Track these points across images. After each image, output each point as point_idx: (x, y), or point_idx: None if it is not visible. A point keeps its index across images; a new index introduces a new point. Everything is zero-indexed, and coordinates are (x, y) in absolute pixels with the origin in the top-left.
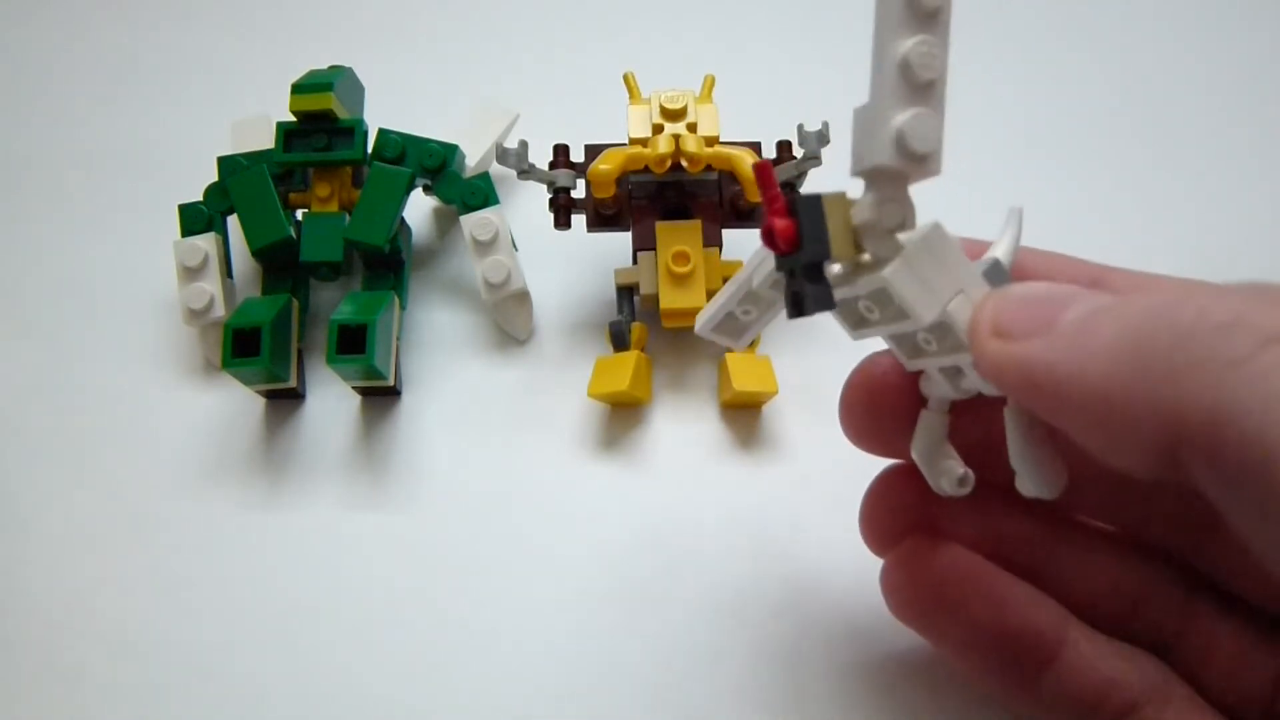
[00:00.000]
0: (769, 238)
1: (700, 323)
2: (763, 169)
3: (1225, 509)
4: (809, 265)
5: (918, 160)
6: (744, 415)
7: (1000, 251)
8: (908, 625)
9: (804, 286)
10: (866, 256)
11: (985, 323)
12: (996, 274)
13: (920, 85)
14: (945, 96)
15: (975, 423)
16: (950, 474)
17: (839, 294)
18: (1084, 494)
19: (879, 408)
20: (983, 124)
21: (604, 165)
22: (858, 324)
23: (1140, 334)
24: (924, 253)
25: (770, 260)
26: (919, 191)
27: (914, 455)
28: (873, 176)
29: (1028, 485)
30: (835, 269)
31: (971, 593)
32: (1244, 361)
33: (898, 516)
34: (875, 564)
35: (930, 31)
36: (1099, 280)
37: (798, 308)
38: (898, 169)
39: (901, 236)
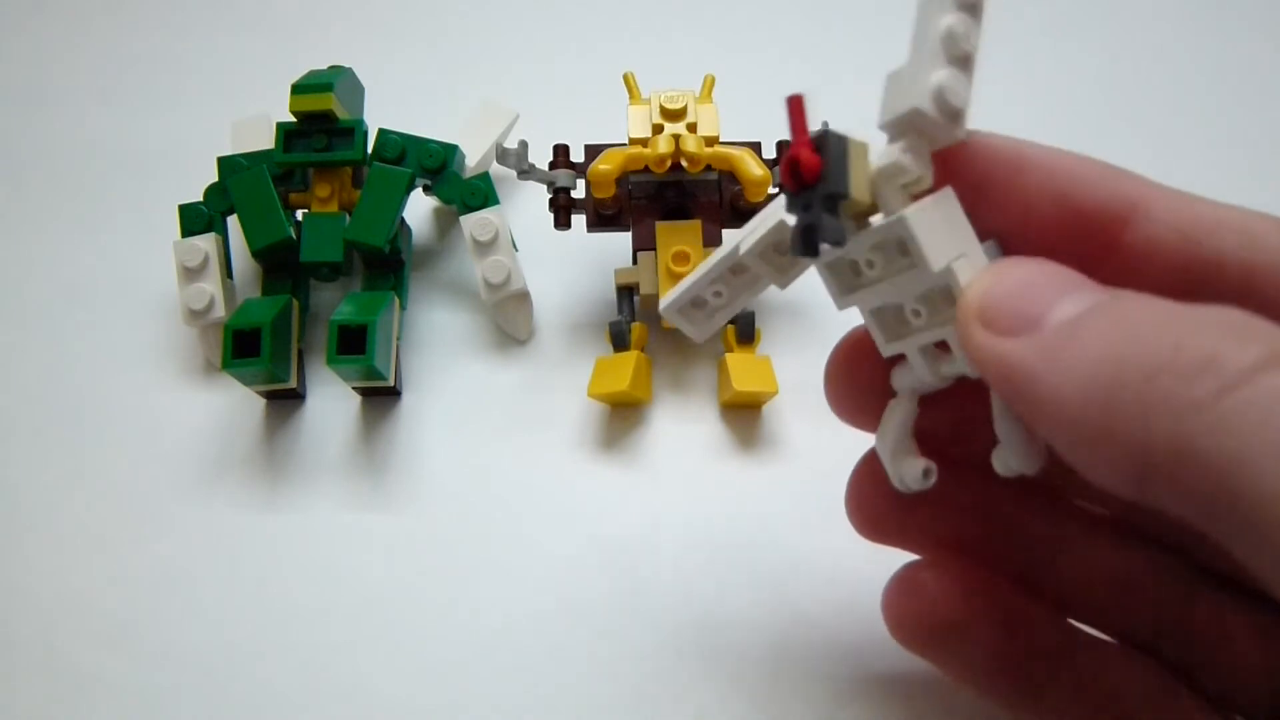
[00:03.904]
0: (792, 169)
1: (665, 304)
2: (794, 102)
3: (1203, 529)
4: (828, 196)
5: (951, 115)
6: (744, 415)
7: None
8: (913, 653)
9: (820, 218)
10: (877, 218)
11: (974, 305)
12: (995, 254)
13: (959, 56)
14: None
15: (957, 403)
16: (913, 469)
17: (837, 252)
18: (1081, 477)
19: (859, 377)
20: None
21: (604, 165)
22: (848, 287)
23: (1118, 360)
24: (938, 208)
25: (765, 226)
26: None
27: (878, 447)
28: (899, 131)
29: (1008, 459)
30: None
31: (975, 617)
32: (1205, 407)
33: (883, 498)
34: (875, 562)
35: (970, 15)
36: (1135, 201)
37: (809, 240)
38: (931, 118)
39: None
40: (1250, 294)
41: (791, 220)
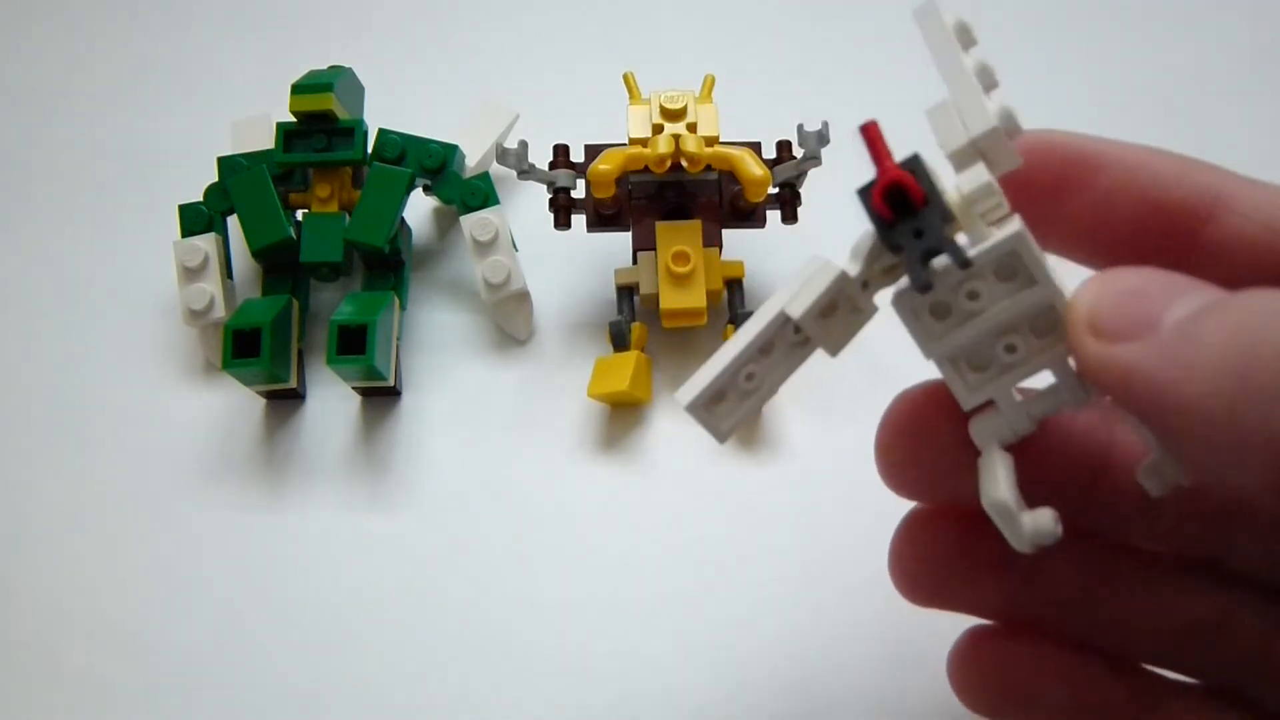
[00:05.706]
0: (894, 197)
1: (689, 397)
2: (870, 129)
3: None
4: (941, 219)
5: (1015, 136)
6: None
7: None
8: (981, 716)
9: (943, 241)
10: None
11: (1083, 316)
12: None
13: (991, 87)
14: None
15: (1022, 462)
16: (1044, 519)
17: (948, 281)
18: (1156, 518)
19: (925, 442)
20: None
21: (604, 165)
22: (936, 331)
23: (1247, 350)
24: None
25: (816, 283)
26: None
27: (986, 505)
28: (968, 158)
29: (1165, 470)
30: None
31: (1043, 680)
32: None
33: (931, 565)
34: (875, 561)
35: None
36: (1217, 193)
37: (927, 262)
38: (1004, 140)
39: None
40: None
41: (852, 268)
